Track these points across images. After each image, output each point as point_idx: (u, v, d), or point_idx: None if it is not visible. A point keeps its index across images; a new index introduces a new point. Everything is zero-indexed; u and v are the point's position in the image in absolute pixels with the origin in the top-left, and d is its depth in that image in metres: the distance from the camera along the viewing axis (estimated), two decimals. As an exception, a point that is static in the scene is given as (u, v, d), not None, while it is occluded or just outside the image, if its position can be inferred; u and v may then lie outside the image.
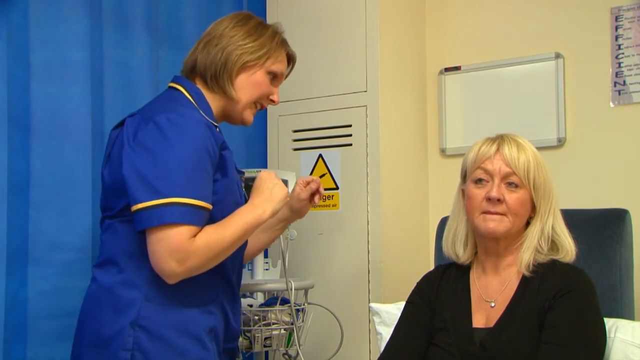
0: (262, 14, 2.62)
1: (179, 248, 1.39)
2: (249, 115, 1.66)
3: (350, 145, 2.42)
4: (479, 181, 1.56)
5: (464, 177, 1.63)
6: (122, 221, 1.51)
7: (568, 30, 2.41)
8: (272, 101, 1.68)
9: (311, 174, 2.49)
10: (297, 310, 2.04)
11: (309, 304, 2.10)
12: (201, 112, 1.56)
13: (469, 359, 1.53)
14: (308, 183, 1.83)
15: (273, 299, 2.06)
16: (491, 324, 1.54)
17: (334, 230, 2.43)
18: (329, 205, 2.44)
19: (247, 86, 1.61)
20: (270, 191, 1.58)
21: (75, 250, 1.89)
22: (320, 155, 2.47)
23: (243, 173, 1.85)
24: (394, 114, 2.46)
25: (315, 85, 2.49)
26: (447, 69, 2.62)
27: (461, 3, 2.64)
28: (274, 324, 2.01)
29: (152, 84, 2.15)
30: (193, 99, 1.59)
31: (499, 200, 1.52)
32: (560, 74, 2.39)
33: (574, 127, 2.38)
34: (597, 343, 1.48)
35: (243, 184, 1.75)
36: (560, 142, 2.39)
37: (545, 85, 2.41)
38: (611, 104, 2.34)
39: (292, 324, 2.02)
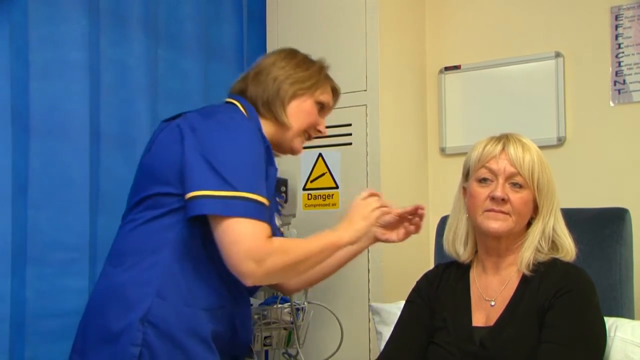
0: (261, 13, 2.61)
1: (255, 246, 1.40)
2: (298, 144, 1.70)
3: (350, 144, 2.43)
4: (483, 180, 1.56)
5: (466, 175, 1.63)
6: (144, 213, 1.51)
7: (568, 30, 2.41)
8: (320, 131, 1.73)
9: (311, 172, 2.49)
10: (297, 309, 2.04)
11: (309, 302, 2.10)
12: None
13: (468, 357, 1.53)
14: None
15: (273, 298, 2.06)
16: (491, 323, 1.54)
17: (334, 230, 2.43)
18: (328, 205, 2.45)
19: (298, 114, 1.66)
20: (355, 220, 1.59)
21: (73, 249, 1.89)
22: (320, 155, 2.48)
23: (283, 198, 1.87)
24: (393, 113, 2.47)
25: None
26: (447, 68, 2.62)
27: (461, 2, 2.64)
28: (273, 323, 2.01)
29: (149, 83, 2.16)
30: (248, 115, 1.61)
31: (503, 199, 1.52)
32: (560, 73, 2.39)
33: (574, 126, 2.38)
34: (597, 342, 1.48)
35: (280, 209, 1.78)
36: (560, 141, 2.39)
37: (545, 85, 2.41)
38: (611, 103, 2.34)
39: (292, 323, 2.02)
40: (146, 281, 1.45)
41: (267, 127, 1.64)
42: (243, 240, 1.40)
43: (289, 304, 1.99)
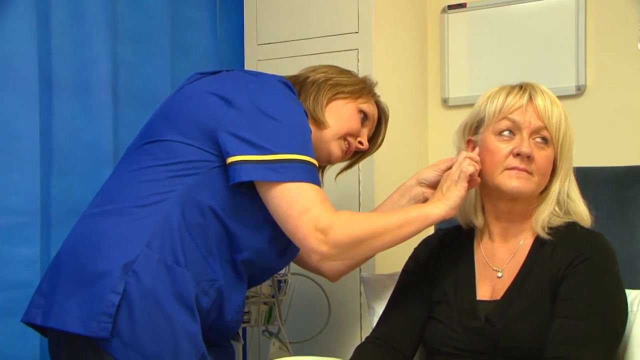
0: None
1: (321, 215, 1.46)
2: (336, 148, 1.73)
3: None
4: (504, 133, 1.56)
5: (476, 128, 1.62)
6: (153, 157, 1.55)
7: (590, -40, 2.40)
8: (361, 143, 1.78)
9: None
10: (279, 282, 2.05)
11: (292, 274, 2.10)
12: None
13: (472, 335, 1.54)
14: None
15: None
16: (498, 296, 1.55)
17: (321, 192, 2.43)
18: (315, 163, 2.43)
19: (337, 115, 1.72)
20: (443, 191, 1.60)
21: (21, 213, 1.87)
22: None
23: None
24: (389, 59, 2.45)
25: (299, 26, 2.48)
26: (450, 7, 2.62)
27: None
28: (252, 297, 2.00)
29: (108, 22, 2.12)
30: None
31: (529, 157, 1.52)
32: (582, 11, 2.38)
33: (596, 73, 2.38)
34: (617, 317, 1.49)
35: None
36: (580, 91, 2.39)
37: (564, 25, 2.40)
38: (639, 45, 2.32)
39: (273, 296, 2.02)
40: (138, 229, 1.47)
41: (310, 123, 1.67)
42: (311, 208, 1.46)
43: (270, 275, 2.00)
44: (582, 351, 1.41)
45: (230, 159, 1.49)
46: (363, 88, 1.78)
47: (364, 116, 1.78)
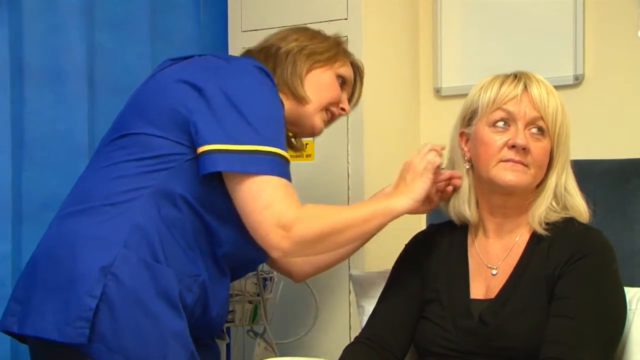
0: None
1: (286, 210, 1.46)
2: (319, 121, 1.76)
3: None
4: (498, 124, 1.55)
5: (469, 119, 1.62)
6: (125, 151, 1.54)
7: (589, -56, 2.41)
8: (343, 109, 1.80)
9: None
10: (264, 280, 2.05)
11: (278, 272, 2.09)
12: None
13: (465, 335, 1.54)
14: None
15: None
16: (492, 295, 1.55)
17: (308, 185, 2.42)
18: (302, 156, 2.43)
19: (317, 86, 1.74)
20: (407, 182, 1.60)
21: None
22: None
23: None
24: (380, 47, 2.45)
25: (286, 12, 2.47)
26: (444, -8, 2.62)
27: None
28: (236, 295, 2.00)
29: (84, 5, 2.10)
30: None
31: (524, 149, 1.52)
32: (580, -3, 2.40)
33: (595, 63, 2.38)
34: (615, 317, 1.50)
35: None
36: (578, 80, 2.39)
37: (561, 12, 2.40)
38: (639, 34, 2.33)
39: (258, 295, 2.02)
40: (114, 228, 1.47)
41: (285, 104, 1.68)
42: (274, 203, 1.46)
43: (254, 273, 1.99)
44: (579, 352, 1.41)
45: (200, 149, 1.49)
46: (337, 52, 1.79)
47: (342, 81, 1.79)
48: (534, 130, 1.54)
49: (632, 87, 2.34)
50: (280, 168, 1.50)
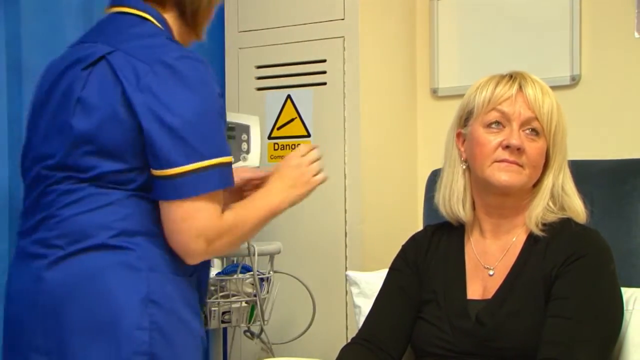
0: None
1: (212, 225, 1.44)
2: None
3: (325, 84, 2.43)
4: (493, 125, 1.55)
5: (466, 119, 1.62)
6: (92, 189, 1.47)
7: (585, -55, 2.41)
8: None
9: (278, 117, 2.49)
10: (261, 280, 2.04)
11: (275, 272, 2.11)
12: None
13: (462, 335, 1.53)
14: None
15: (232, 267, 2.07)
16: (489, 295, 1.55)
17: (305, 186, 2.42)
18: (299, 156, 2.44)
19: (209, 20, 1.68)
20: (293, 181, 1.63)
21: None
22: (289, 96, 2.48)
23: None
24: (376, 47, 2.46)
25: (283, 12, 2.48)
26: (440, -7, 2.62)
27: None
28: (233, 295, 2.01)
29: (81, 6, 2.09)
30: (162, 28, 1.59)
31: (519, 149, 1.52)
32: (576, -3, 2.40)
33: (591, 63, 2.39)
34: (612, 317, 1.50)
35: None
36: (575, 81, 2.40)
37: (558, 13, 2.41)
38: (636, 34, 2.34)
39: (255, 295, 2.02)
40: (135, 257, 1.45)
41: (181, 37, 1.62)
42: (198, 217, 1.43)
43: (252, 273, 1.99)
44: (576, 352, 1.41)
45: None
46: None
47: None
48: (529, 130, 1.54)
49: (629, 87, 2.34)
50: (214, 180, 1.46)
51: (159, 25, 1.57)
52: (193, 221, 1.43)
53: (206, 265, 1.62)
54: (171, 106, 1.42)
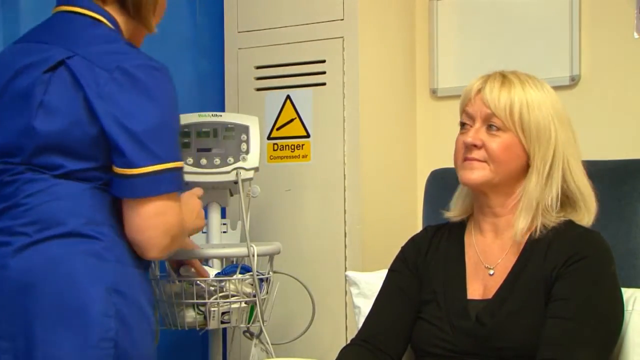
0: None
1: (177, 224, 1.53)
2: (142, 42, 1.72)
3: (324, 84, 2.43)
4: (462, 126, 1.59)
5: None
6: (60, 180, 1.52)
7: (584, -54, 2.41)
8: None
9: (277, 118, 2.49)
10: (261, 280, 2.04)
11: (274, 272, 2.10)
12: None
13: (462, 335, 1.54)
14: None
15: (232, 267, 2.06)
16: (489, 295, 1.55)
17: (305, 186, 2.45)
18: (298, 157, 2.45)
19: (160, 10, 1.70)
20: (197, 213, 1.75)
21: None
22: (288, 97, 2.48)
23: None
24: (376, 48, 2.46)
25: (282, 13, 2.48)
26: (440, -7, 2.62)
27: None
28: (233, 296, 2.00)
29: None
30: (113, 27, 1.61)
31: (475, 145, 1.54)
32: (576, -2, 2.40)
33: (591, 63, 2.39)
34: (612, 319, 1.50)
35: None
36: (574, 81, 2.40)
37: (558, 13, 2.41)
38: (636, 34, 2.34)
39: (254, 296, 2.01)
40: (103, 247, 1.50)
41: (129, 32, 1.64)
42: (168, 214, 1.51)
43: (251, 274, 1.99)
44: (576, 353, 1.42)
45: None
46: None
47: None
48: (489, 127, 1.55)
49: (628, 87, 2.34)
50: (176, 181, 1.54)
51: (110, 25, 1.60)
52: (164, 217, 1.50)
53: (150, 262, 1.69)
54: (132, 113, 1.48)
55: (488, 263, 1.59)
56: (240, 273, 2.02)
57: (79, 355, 1.43)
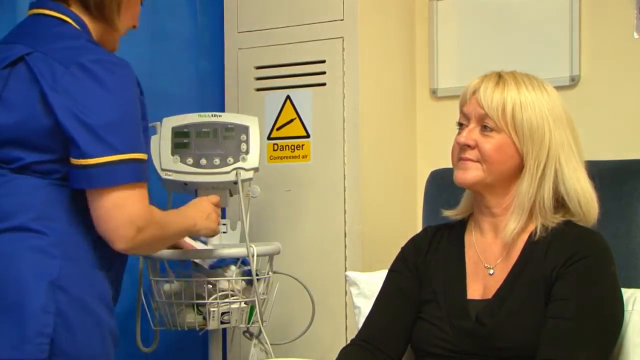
0: None
1: (141, 214, 1.52)
2: (118, 43, 1.73)
3: (324, 84, 2.43)
4: (459, 126, 1.60)
5: None
6: (16, 175, 1.53)
7: (585, -54, 2.41)
8: (134, 26, 1.78)
9: (277, 118, 2.49)
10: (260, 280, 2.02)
11: (274, 272, 2.09)
12: None
13: (462, 335, 1.53)
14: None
15: (224, 261, 2.05)
16: (489, 295, 1.54)
17: (304, 186, 2.45)
18: (298, 157, 2.45)
19: (127, 13, 1.70)
20: (207, 214, 1.80)
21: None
22: (288, 97, 2.47)
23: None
24: (376, 48, 2.46)
25: (282, 13, 2.48)
26: (440, -6, 2.62)
27: None
28: (232, 296, 2.00)
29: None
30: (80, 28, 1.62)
31: (468, 146, 1.55)
32: (576, -2, 2.40)
33: (591, 63, 2.39)
34: (612, 320, 1.49)
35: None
36: (574, 81, 2.40)
37: (557, 13, 2.41)
38: (635, 35, 2.34)
39: (249, 293, 2.00)
40: (50, 242, 1.50)
41: (96, 32, 1.66)
42: (129, 204, 1.51)
43: (249, 271, 1.99)
44: (576, 353, 1.41)
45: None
46: None
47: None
48: (483, 127, 1.55)
49: (628, 88, 2.34)
50: (135, 172, 1.53)
51: (76, 26, 1.61)
52: (124, 208, 1.50)
53: (123, 263, 1.67)
54: (87, 106, 1.49)
55: (488, 263, 1.59)
56: (238, 269, 2.03)
57: (14, 350, 1.42)
